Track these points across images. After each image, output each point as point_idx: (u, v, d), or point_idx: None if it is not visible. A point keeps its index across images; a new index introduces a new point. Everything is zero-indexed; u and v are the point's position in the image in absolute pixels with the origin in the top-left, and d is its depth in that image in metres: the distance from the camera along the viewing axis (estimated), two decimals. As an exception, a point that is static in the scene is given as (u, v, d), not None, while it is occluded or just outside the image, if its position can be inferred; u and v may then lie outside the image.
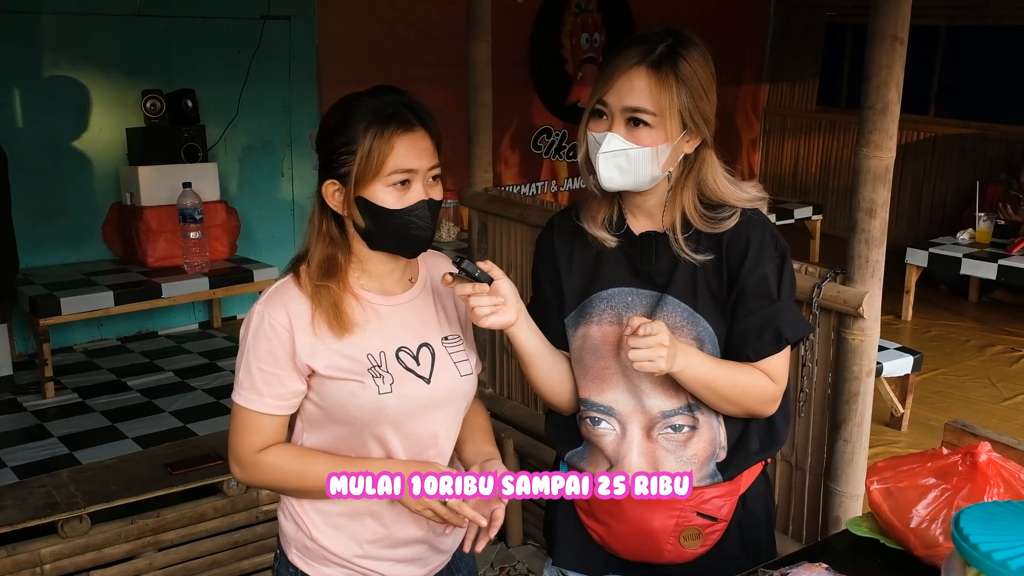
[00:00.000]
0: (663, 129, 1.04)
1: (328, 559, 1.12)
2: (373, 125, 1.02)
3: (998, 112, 4.93)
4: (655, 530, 1.12)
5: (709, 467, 1.11)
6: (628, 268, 1.11)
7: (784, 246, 1.10)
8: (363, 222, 1.05)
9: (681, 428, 1.10)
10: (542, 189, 4.90)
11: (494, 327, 1.07)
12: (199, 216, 3.23)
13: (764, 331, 1.07)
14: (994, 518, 0.81)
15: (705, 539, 1.13)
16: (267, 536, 2.20)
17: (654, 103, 1.03)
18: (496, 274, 1.05)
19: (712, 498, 1.12)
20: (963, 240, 4.02)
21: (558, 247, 1.17)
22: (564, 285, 1.15)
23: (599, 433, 1.14)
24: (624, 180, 1.06)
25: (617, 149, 1.04)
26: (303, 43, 3.79)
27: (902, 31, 1.49)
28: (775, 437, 1.15)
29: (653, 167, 1.05)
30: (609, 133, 1.05)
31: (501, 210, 2.48)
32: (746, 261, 1.07)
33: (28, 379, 2.97)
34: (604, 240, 1.12)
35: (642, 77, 1.03)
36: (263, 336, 1.05)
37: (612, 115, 1.05)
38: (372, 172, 1.02)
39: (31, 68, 3.25)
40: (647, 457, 1.11)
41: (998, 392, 3.25)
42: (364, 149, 1.02)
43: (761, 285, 1.07)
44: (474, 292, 1.04)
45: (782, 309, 1.08)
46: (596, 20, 4.89)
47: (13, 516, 1.93)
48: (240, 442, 1.09)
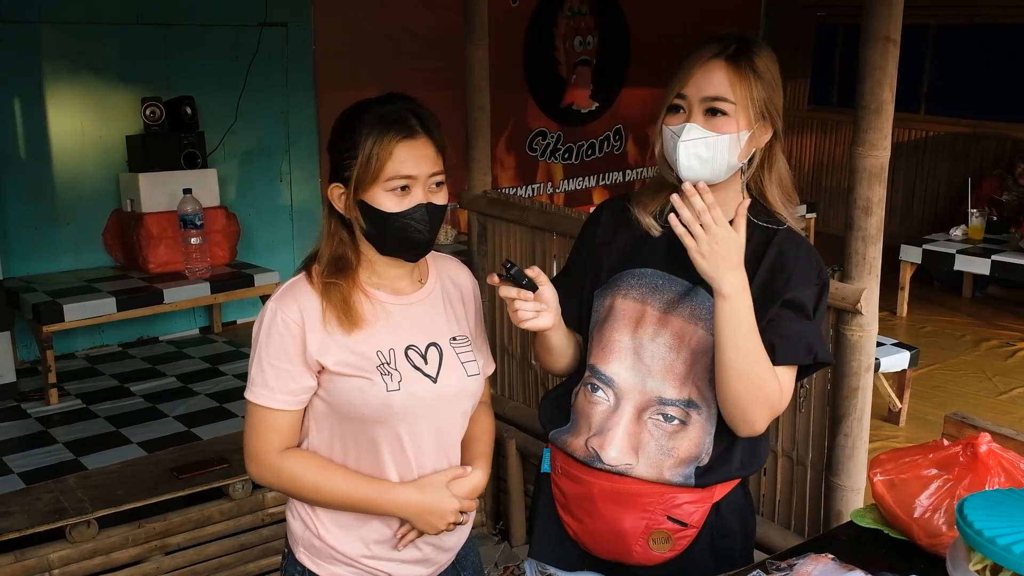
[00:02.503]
0: (740, 118, 1.07)
1: (335, 558, 1.14)
2: (374, 131, 1.04)
3: (988, 109, 4.98)
4: (625, 530, 1.12)
5: (687, 468, 1.11)
6: (667, 255, 1.13)
7: (827, 278, 1.13)
8: (364, 224, 1.08)
9: (672, 419, 1.11)
10: (538, 191, 4.92)
11: (533, 330, 1.10)
12: (199, 222, 3.23)
13: (798, 340, 1.08)
14: (997, 505, 0.83)
15: (674, 544, 1.12)
16: (273, 539, 2.21)
17: (732, 92, 1.06)
18: (542, 280, 1.08)
19: (684, 503, 1.12)
20: (956, 236, 4.06)
21: (605, 224, 1.20)
22: (603, 259, 1.17)
23: (594, 400, 1.14)
24: (703, 169, 1.08)
25: (697, 138, 1.06)
26: (300, 49, 3.80)
27: (894, 32, 1.52)
28: (756, 457, 1.15)
29: (731, 156, 1.08)
30: (688, 124, 1.07)
31: (500, 212, 2.50)
32: (794, 276, 1.08)
33: (32, 386, 2.98)
34: (650, 227, 1.15)
35: (720, 68, 1.07)
36: (275, 332, 1.07)
37: (690, 107, 1.08)
38: (371, 177, 1.05)
39: (31, 77, 3.25)
40: (631, 436, 1.11)
41: (994, 386, 3.28)
42: (364, 154, 1.04)
43: (803, 303, 1.09)
44: (519, 296, 1.07)
45: (816, 330, 1.10)
46: (589, 23, 4.92)
47: (21, 522, 1.94)
48: (257, 441, 1.10)
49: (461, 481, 1.15)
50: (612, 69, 5.05)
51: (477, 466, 1.19)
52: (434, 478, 1.13)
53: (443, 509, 1.12)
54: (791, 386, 1.10)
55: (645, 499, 1.11)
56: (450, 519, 1.13)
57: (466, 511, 1.15)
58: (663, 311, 1.12)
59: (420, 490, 1.11)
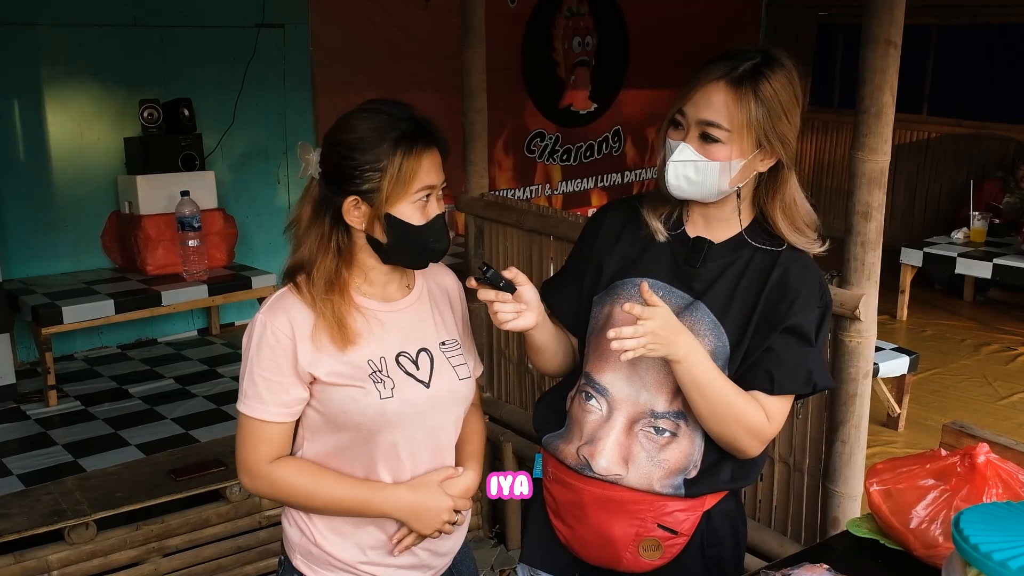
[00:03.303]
0: (736, 145, 1.05)
1: (332, 564, 1.14)
2: (402, 143, 1.04)
3: (991, 111, 4.96)
4: (615, 537, 1.12)
5: (676, 479, 1.11)
6: (670, 266, 1.13)
7: (829, 300, 1.11)
8: (385, 239, 1.07)
9: (663, 432, 1.10)
10: (536, 193, 4.91)
11: (514, 330, 1.09)
12: (197, 224, 3.23)
13: (797, 370, 1.07)
14: (994, 519, 0.82)
15: (664, 551, 1.12)
16: (270, 541, 2.21)
17: (728, 119, 1.04)
18: (520, 281, 1.07)
19: (674, 511, 1.11)
20: (958, 239, 4.05)
21: (608, 227, 1.18)
22: (604, 264, 1.16)
23: (587, 408, 1.14)
24: (691, 190, 1.07)
25: (687, 160, 1.05)
26: (297, 51, 3.79)
27: (895, 35, 1.51)
28: (747, 472, 1.14)
29: (721, 181, 1.06)
30: (682, 143, 1.06)
31: (498, 215, 2.50)
32: (798, 300, 1.07)
33: (31, 387, 2.98)
34: (656, 232, 1.13)
35: (720, 92, 1.04)
36: (266, 344, 1.06)
37: (688, 126, 1.06)
38: (402, 189, 1.04)
39: (29, 79, 3.25)
40: (622, 447, 1.11)
41: (995, 391, 3.27)
42: (395, 167, 1.03)
43: (804, 329, 1.08)
44: (497, 299, 1.06)
45: (817, 356, 1.09)
46: (588, 23, 4.91)
47: (20, 523, 1.94)
48: (249, 453, 1.09)
49: (453, 481, 1.15)
50: (611, 70, 5.04)
51: (469, 467, 1.19)
52: (426, 478, 1.13)
53: (437, 507, 1.12)
54: (784, 412, 1.10)
55: (635, 507, 1.11)
56: (444, 517, 1.12)
57: (460, 510, 1.15)
58: None
59: (413, 490, 1.11)
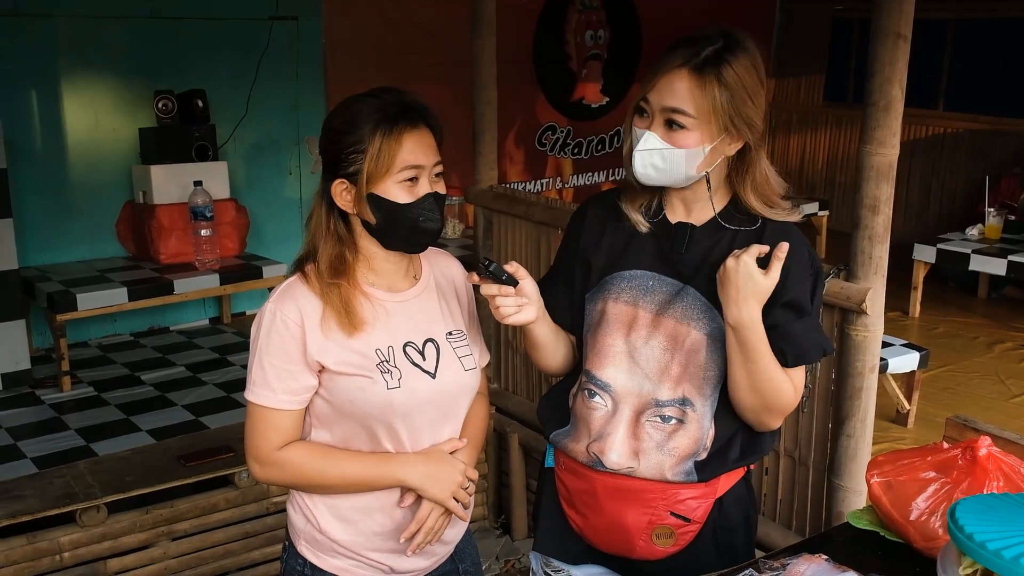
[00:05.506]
0: (701, 132, 1.04)
1: (336, 551, 1.15)
2: (382, 124, 1.05)
3: (1008, 106, 4.89)
4: (628, 525, 1.13)
5: (687, 464, 1.11)
6: (655, 254, 1.13)
7: (819, 265, 1.12)
8: (374, 218, 1.08)
9: (669, 420, 1.11)
10: (547, 186, 4.91)
11: (516, 324, 1.10)
12: (210, 214, 3.27)
13: (805, 341, 1.08)
14: (989, 509, 0.82)
15: (677, 539, 1.13)
16: (277, 527, 2.24)
17: (693, 106, 1.03)
18: (521, 275, 1.08)
19: (687, 499, 1.12)
20: (972, 236, 4.00)
21: (590, 225, 1.18)
22: (591, 261, 1.16)
23: (591, 406, 1.15)
24: (659, 177, 1.08)
25: (653, 148, 1.05)
26: (310, 43, 3.81)
27: (905, 28, 1.50)
28: (758, 446, 1.15)
29: (688, 168, 1.06)
30: (647, 132, 1.06)
31: (506, 207, 2.50)
32: (790, 274, 1.07)
33: (45, 373, 3.03)
34: (637, 223, 1.13)
35: (683, 79, 1.03)
36: (275, 332, 1.08)
37: (653, 114, 1.06)
38: (383, 169, 1.05)
39: (46, 70, 3.29)
40: (630, 439, 1.12)
41: (1007, 389, 3.23)
42: (375, 147, 1.04)
43: (801, 301, 1.08)
44: (500, 293, 1.07)
45: (816, 322, 1.10)
46: (600, 17, 4.89)
47: (33, 505, 1.98)
48: (258, 441, 1.10)
49: (462, 451, 1.17)
50: (623, 63, 5.02)
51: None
52: (435, 448, 1.14)
53: (452, 470, 1.13)
54: (802, 381, 1.12)
55: (648, 495, 1.12)
56: (459, 480, 1.13)
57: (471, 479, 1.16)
58: (655, 313, 1.12)
59: (426, 456, 1.13)
